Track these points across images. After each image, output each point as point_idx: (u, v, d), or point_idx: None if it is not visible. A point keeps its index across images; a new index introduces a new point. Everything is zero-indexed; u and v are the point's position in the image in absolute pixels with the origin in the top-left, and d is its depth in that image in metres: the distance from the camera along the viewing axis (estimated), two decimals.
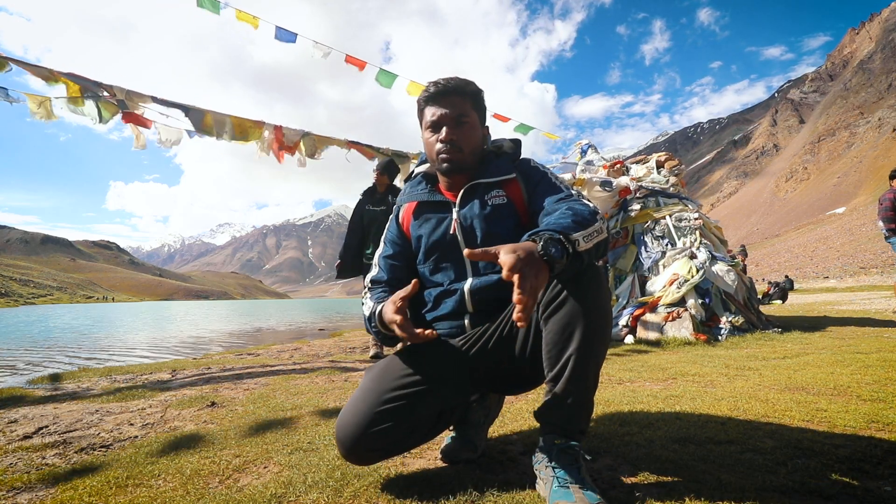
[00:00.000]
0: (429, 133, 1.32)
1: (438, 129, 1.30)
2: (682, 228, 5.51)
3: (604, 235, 1.06)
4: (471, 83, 1.33)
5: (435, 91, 1.30)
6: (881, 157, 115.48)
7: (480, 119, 1.36)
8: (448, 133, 1.28)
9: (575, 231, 1.00)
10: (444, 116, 1.29)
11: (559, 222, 1.03)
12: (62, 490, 1.26)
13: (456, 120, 1.29)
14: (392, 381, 1.21)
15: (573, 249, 0.97)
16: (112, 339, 9.22)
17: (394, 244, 1.44)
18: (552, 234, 0.96)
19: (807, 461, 1.28)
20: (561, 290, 1.08)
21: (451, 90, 1.30)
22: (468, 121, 1.31)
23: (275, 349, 5.57)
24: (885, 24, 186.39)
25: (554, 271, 0.95)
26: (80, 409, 2.28)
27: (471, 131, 1.31)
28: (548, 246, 0.94)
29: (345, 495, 1.15)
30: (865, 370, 2.54)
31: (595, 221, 1.06)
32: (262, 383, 2.94)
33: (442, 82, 1.31)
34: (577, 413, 1.09)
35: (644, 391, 2.28)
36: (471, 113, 1.32)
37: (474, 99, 1.33)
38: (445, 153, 1.29)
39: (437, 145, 1.29)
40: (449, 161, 1.29)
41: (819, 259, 42.18)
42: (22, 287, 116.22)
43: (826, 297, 13.43)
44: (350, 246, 4.63)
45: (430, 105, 1.31)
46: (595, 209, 1.11)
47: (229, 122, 4.74)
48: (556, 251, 0.94)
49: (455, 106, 1.29)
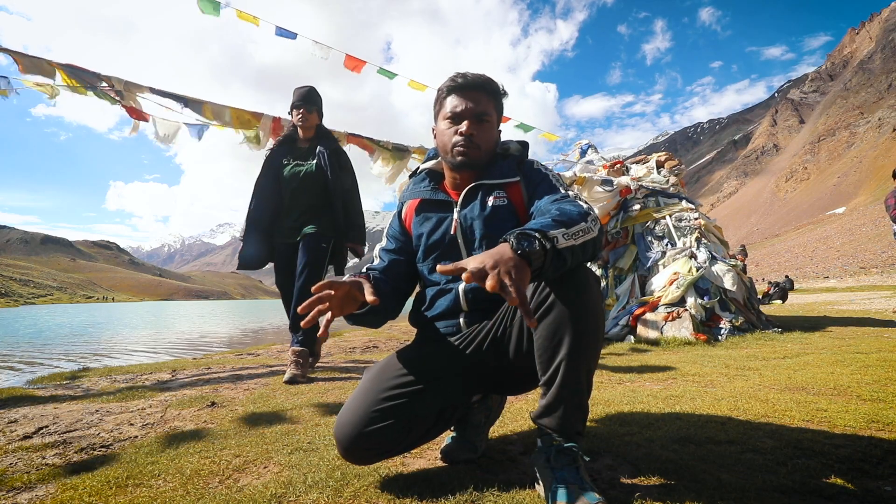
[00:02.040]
0: (447, 124, 1.30)
1: (459, 121, 1.28)
2: (682, 228, 5.51)
3: (592, 235, 1.02)
4: (496, 83, 1.31)
5: (462, 82, 1.28)
6: (881, 157, 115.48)
7: (497, 121, 1.35)
8: (469, 127, 1.26)
9: (554, 228, 0.97)
10: (467, 110, 1.27)
11: (538, 221, 1.01)
12: (62, 490, 1.26)
13: (478, 116, 1.27)
14: (389, 380, 1.21)
15: (551, 245, 0.93)
16: (112, 339, 9.22)
17: (396, 239, 1.43)
18: (525, 231, 0.94)
19: (807, 461, 1.28)
20: (549, 293, 1.05)
21: (479, 85, 1.28)
22: (489, 119, 1.30)
23: (275, 349, 5.57)
24: (885, 24, 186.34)
25: (533, 265, 0.91)
26: (80, 409, 2.28)
27: (489, 130, 1.31)
28: (520, 240, 0.91)
29: (345, 495, 1.15)
30: (865, 370, 2.54)
31: (583, 221, 1.02)
32: (262, 383, 2.94)
33: (471, 75, 1.29)
34: (572, 416, 1.09)
35: (644, 391, 2.28)
36: (492, 112, 1.31)
37: (496, 99, 1.32)
38: (462, 147, 1.27)
39: (455, 137, 1.27)
40: (464, 155, 1.27)
41: (819, 259, 42.18)
42: (22, 287, 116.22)
43: (826, 297, 13.43)
44: (258, 222, 3.17)
45: (454, 95, 1.29)
46: (587, 210, 1.08)
47: (228, 113, 4.73)
48: (528, 244, 0.91)
49: (479, 102, 1.28)
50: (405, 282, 1.41)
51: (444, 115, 1.31)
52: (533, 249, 0.90)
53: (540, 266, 0.93)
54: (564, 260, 0.97)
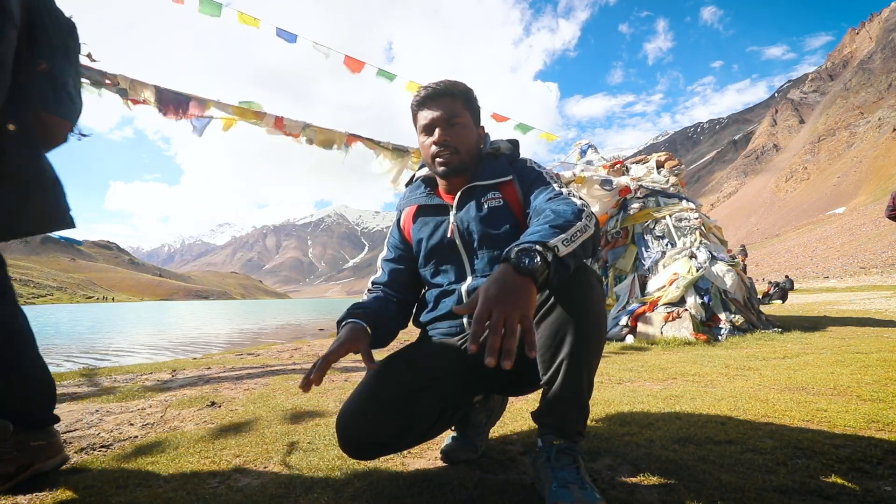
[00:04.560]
0: (423, 137, 1.33)
1: (431, 131, 1.30)
2: (682, 228, 5.51)
3: (589, 233, 1.02)
4: (459, 83, 1.32)
5: (425, 95, 1.30)
6: (881, 157, 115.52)
7: (474, 119, 1.35)
8: (441, 134, 1.28)
9: (553, 236, 0.96)
10: (436, 118, 1.29)
11: (536, 229, 1.00)
12: (62, 490, 1.26)
13: (448, 121, 1.29)
14: (392, 377, 1.22)
15: (553, 256, 0.93)
16: (112, 340, 9.22)
17: (396, 248, 1.44)
18: (525, 246, 0.93)
19: (807, 461, 1.28)
20: (550, 293, 1.06)
21: (441, 92, 1.30)
22: (460, 121, 1.30)
23: (275, 349, 5.57)
24: (885, 24, 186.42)
25: (538, 281, 0.91)
26: (80, 409, 2.28)
27: (464, 131, 1.31)
28: (520, 258, 0.91)
29: (345, 495, 1.15)
30: (865, 370, 2.54)
31: (578, 220, 1.02)
32: (262, 383, 2.94)
33: (432, 86, 1.31)
34: (573, 416, 1.09)
35: (644, 391, 2.28)
36: (463, 113, 1.31)
37: (465, 98, 1.33)
38: (440, 155, 1.28)
39: (432, 148, 1.29)
40: (445, 164, 1.29)
41: (819, 259, 42.20)
42: (22, 287, 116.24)
43: (826, 297, 13.43)
44: None
45: (422, 109, 1.31)
46: (581, 207, 1.08)
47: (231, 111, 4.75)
48: (528, 260, 0.91)
49: (446, 107, 1.29)
50: (410, 292, 1.42)
51: (419, 130, 1.34)
52: (535, 266, 0.91)
53: (545, 279, 0.93)
54: (567, 267, 0.97)
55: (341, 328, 1.20)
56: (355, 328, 1.17)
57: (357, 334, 1.15)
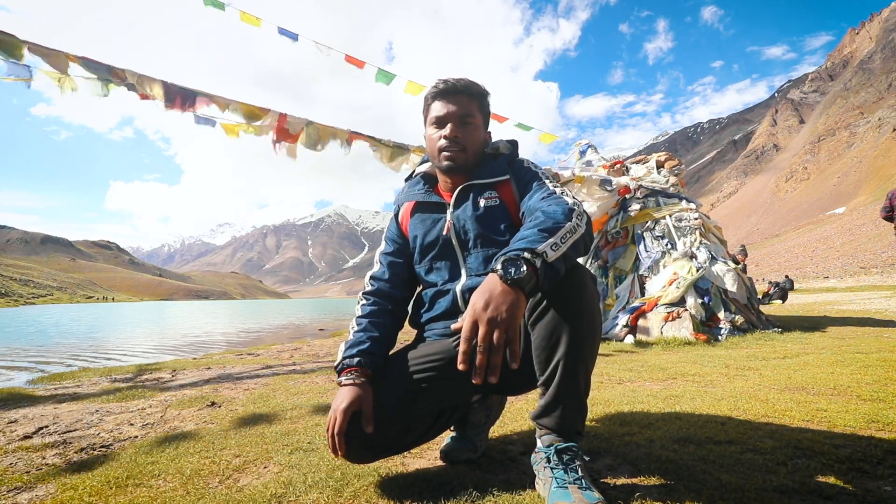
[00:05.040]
0: (433, 129, 1.33)
1: (443, 125, 1.31)
2: (682, 228, 5.51)
3: (580, 232, 1.03)
4: (479, 85, 1.34)
5: (444, 88, 1.31)
6: (881, 157, 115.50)
7: (484, 122, 1.37)
8: (453, 130, 1.29)
9: (542, 241, 0.97)
10: (450, 114, 1.29)
11: (524, 234, 1.01)
12: (62, 490, 1.26)
13: (462, 118, 1.30)
14: (390, 380, 1.21)
15: (542, 261, 0.94)
16: (112, 340, 9.23)
17: (394, 242, 1.45)
18: (511, 256, 0.94)
19: (807, 461, 1.28)
20: (543, 295, 1.06)
21: (461, 89, 1.31)
22: (473, 121, 1.32)
23: (275, 349, 5.57)
24: (885, 24, 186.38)
25: (525, 290, 0.93)
26: (80, 409, 2.28)
27: (475, 132, 1.32)
28: (507, 268, 0.93)
29: (345, 495, 1.15)
30: (865, 370, 2.54)
31: (569, 220, 1.03)
32: (262, 383, 2.94)
33: (452, 80, 1.32)
34: (571, 416, 1.09)
35: (644, 391, 2.28)
36: (476, 114, 1.33)
37: (480, 101, 1.34)
38: (448, 150, 1.29)
39: (441, 142, 1.30)
40: (451, 159, 1.29)
41: (819, 259, 42.19)
42: (22, 287, 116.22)
43: (826, 297, 13.43)
44: None
45: (438, 100, 1.32)
46: (571, 206, 1.09)
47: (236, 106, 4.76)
48: (515, 270, 0.92)
49: (462, 105, 1.30)
50: (408, 287, 1.43)
51: (430, 121, 1.34)
52: (521, 276, 0.92)
53: (534, 287, 0.95)
54: (558, 271, 0.98)
55: (342, 385, 1.17)
56: (356, 393, 1.14)
57: (359, 399, 1.13)
